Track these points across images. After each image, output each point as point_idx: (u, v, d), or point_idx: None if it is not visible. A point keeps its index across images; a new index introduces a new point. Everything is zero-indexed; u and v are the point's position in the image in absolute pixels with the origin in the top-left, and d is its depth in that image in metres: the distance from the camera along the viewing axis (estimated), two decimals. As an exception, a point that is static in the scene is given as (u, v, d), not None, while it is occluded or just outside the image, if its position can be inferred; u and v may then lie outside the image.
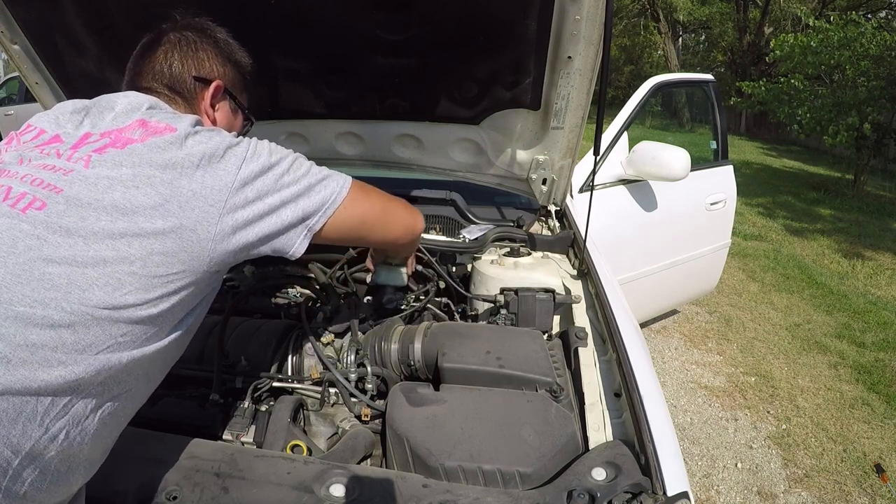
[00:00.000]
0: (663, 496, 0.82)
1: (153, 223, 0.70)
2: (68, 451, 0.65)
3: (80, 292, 0.65)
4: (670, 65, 18.57)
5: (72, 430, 0.65)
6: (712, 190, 3.18)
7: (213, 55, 0.97)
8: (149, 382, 0.79)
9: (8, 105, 8.58)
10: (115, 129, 0.78)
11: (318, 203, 0.85)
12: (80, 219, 0.68)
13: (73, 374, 0.64)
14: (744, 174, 9.44)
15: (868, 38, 7.74)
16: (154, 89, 0.92)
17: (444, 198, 2.07)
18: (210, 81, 0.95)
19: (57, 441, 0.63)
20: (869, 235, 6.40)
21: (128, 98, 0.84)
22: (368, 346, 1.31)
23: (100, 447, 0.72)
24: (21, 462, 0.60)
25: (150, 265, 0.70)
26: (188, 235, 0.72)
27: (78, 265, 0.66)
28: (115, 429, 0.75)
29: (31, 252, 0.65)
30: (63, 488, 0.66)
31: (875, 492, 2.42)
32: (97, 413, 0.68)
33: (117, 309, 0.67)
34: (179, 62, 0.93)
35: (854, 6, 13.99)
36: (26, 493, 0.61)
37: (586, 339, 1.29)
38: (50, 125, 0.82)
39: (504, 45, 1.42)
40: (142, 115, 0.80)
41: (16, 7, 1.48)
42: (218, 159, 0.76)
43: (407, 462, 0.99)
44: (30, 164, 0.74)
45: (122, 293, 0.68)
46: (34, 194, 0.69)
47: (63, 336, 0.63)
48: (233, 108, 1.02)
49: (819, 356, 3.62)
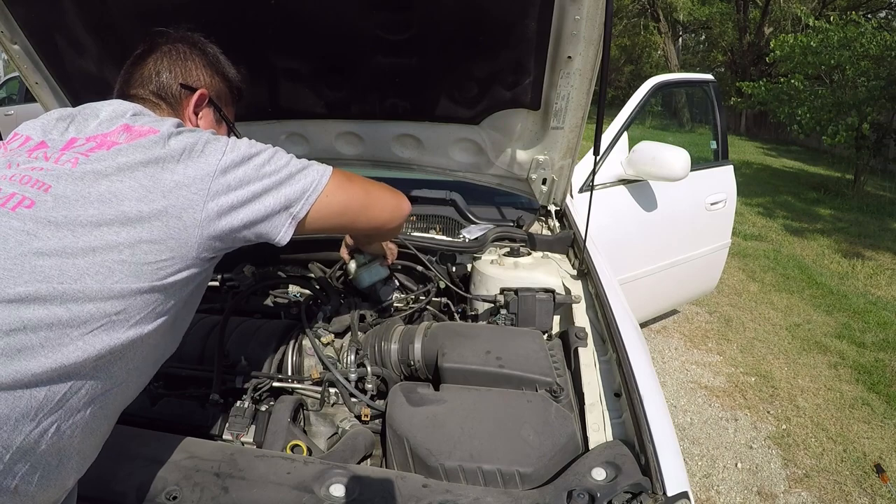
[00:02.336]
0: (663, 496, 0.82)
1: (139, 211, 0.72)
2: (59, 445, 0.66)
3: (72, 282, 0.67)
4: (670, 65, 18.59)
5: (63, 423, 0.65)
6: (712, 190, 3.18)
7: (202, 66, 1.00)
8: (140, 377, 0.80)
9: (8, 105, 8.58)
10: (100, 134, 0.81)
11: (299, 190, 0.86)
12: (67, 212, 0.70)
13: (66, 358, 0.64)
14: (744, 174, 9.44)
15: (868, 38, 7.74)
16: (140, 96, 0.95)
17: (444, 198, 2.07)
18: (195, 89, 0.98)
19: (48, 435, 0.64)
20: (869, 235, 6.40)
21: (112, 106, 0.87)
22: (368, 346, 1.31)
23: (91, 442, 0.73)
24: (12, 457, 0.60)
25: (138, 253, 0.71)
26: (174, 223, 0.74)
27: (68, 256, 0.68)
28: (106, 423, 0.76)
29: (22, 247, 0.66)
30: (55, 482, 0.66)
31: (875, 492, 2.42)
32: (88, 407, 0.69)
33: (106, 299, 0.69)
34: (168, 70, 0.96)
35: (854, 6, 13.99)
36: (17, 486, 0.61)
37: (586, 339, 1.29)
38: (36, 133, 0.84)
39: (504, 45, 1.42)
40: (126, 120, 0.83)
41: (16, 7, 1.48)
42: (199, 153, 0.79)
43: (407, 462, 0.99)
44: (18, 168, 0.76)
45: (113, 281, 0.69)
46: (23, 193, 0.71)
47: (57, 313, 0.65)
48: (217, 119, 1.04)
49: (819, 356, 3.62)
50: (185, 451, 0.94)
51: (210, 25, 1.06)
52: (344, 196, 0.94)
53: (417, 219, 2.00)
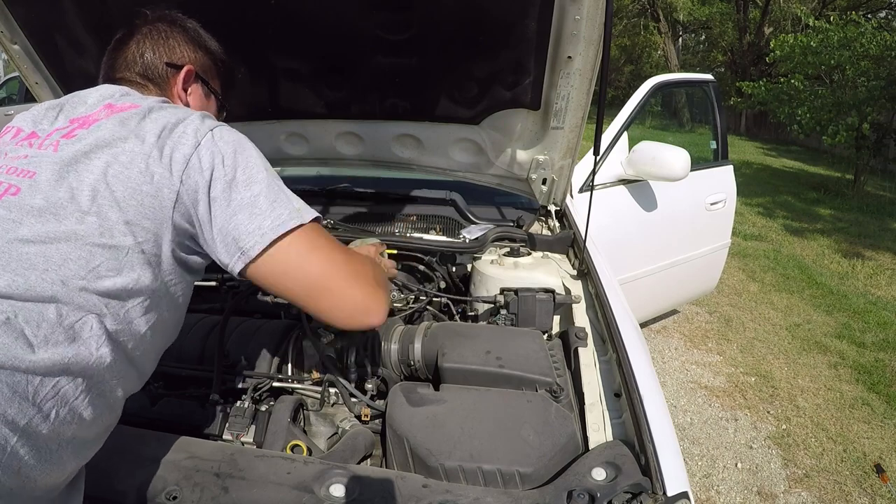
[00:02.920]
0: (663, 496, 0.82)
1: (113, 191, 0.72)
2: (59, 430, 0.66)
3: (56, 269, 0.67)
4: (670, 65, 18.58)
5: (61, 409, 0.65)
6: (712, 190, 3.18)
7: (184, 42, 0.99)
8: (139, 366, 0.79)
9: (8, 105, 8.58)
10: (83, 116, 0.82)
11: (254, 227, 0.76)
12: (50, 197, 0.71)
13: (56, 354, 0.65)
14: (744, 174, 9.44)
15: (868, 38, 7.74)
16: (126, 79, 0.95)
17: (444, 198, 2.07)
18: (181, 67, 0.97)
19: (49, 420, 0.64)
20: (869, 235, 6.40)
21: (100, 91, 0.88)
22: (368, 346, 1.31)
23: (91, 430, 0.72)
24: (18, 439, 0.61)
25: (116, 235, 0.72)
26: (150, 202, 0.74)
27: (52, 241, 0.68)
28: (108, 412, 0.75)
29: (8, 234, 0.68)
30: (55, 467, 0.66)
31: (875, 492, 2.42)
32: (86, 395, 0.69)
33: (92, 282, 0.69)
34: (151, 50, 0.95)
35: (854, 6, 13.99)
36: (20, 469, 0.61)
37: (586, 339, 1.29)
38: (27, 124, 0.85)
39: (504, 45, 1.42)
40: (111, 100, 0.84)
41: (16, 7, 1.48)
42: (180, 134, 0.78)
43: (407, 462, 0.99)
44: (6, 157, 0.78)
45: (94, 265, 0.70)
46: (9, 182, 0.73)
47: (45, 312, 0.65)
48: (205, 93, 1.04)
49: (819, 356, 3.62)
50: (185, 451, 0.94)
51: (210, 25, 1.06)
52: (305, 258, 0.79)
53: (417, 219, 2.00)
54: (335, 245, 0.85)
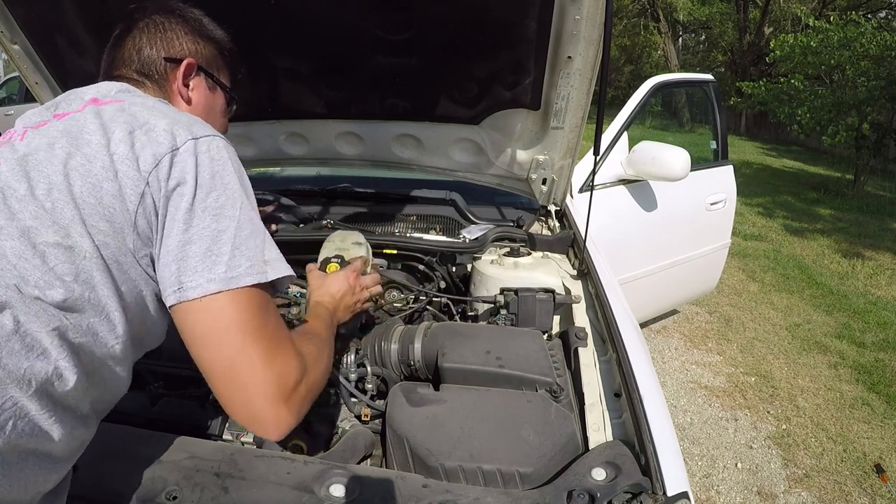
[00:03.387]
0: (663, 496, 0.82)
1: (71, 185, 0.68)
2: (17, 443, 0.61)
3: (12, 268, 0.64)
4: (670, 65, 18.59)
5: (19, 421, 0.61)
6: (712, 190, 3.18)
7: (183, 33, 0.93)
8: (100, 381, 0.72)
9: (8, 105, 8.59)
10: (66, 112, 0.78)
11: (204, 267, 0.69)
12: (6, 188, 0.68)
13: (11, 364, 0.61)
14: (744, 174, 9.44)
15: (868, 38, 7.74)
16: (125, 76, 0.90)
17: (443, 198, 2.07)
18: (181, 60, 0.91)
19: (4, 431, 0.59)
20: (869, 235, 6.40)
21: (98, 87, 0.84)
22: (368, 346, 1.31)
23: (59, 444, 0.67)
24: None
25: (73, 235, 0.67)
26: (110, 201, 0.69)
27: (6, 239, 0.65)
28: (79, 425, 0.70)
29: None
30: (15, 481, 0.61)
31: (875, 492, 2.42)
32: (49, 408, 0.64)
33: (46, 290, 0.65)
34: (148, 45, 0.90)
35: (854, 6, 13.99)
36: None
37: (586, 339, 1.29)
38: (24, 123, 0.82)
39: (504, 45, 1.42)
40: (97, 95, 0.80)
41: (16, 7, 1.48)
42: (158, 132, 0.73)
43: (407, 462, 0.99)
44: None
45: (49, 266, 0.65)
46: None
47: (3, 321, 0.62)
48: (210, 86, 0.97)
49: (819, 356, 3.62)
50: (185, 451, 0.94)
51: (210, 25, 1.05)
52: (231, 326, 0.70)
53: (417, 219, 2.00)
54: (275, 330, 0.74)
